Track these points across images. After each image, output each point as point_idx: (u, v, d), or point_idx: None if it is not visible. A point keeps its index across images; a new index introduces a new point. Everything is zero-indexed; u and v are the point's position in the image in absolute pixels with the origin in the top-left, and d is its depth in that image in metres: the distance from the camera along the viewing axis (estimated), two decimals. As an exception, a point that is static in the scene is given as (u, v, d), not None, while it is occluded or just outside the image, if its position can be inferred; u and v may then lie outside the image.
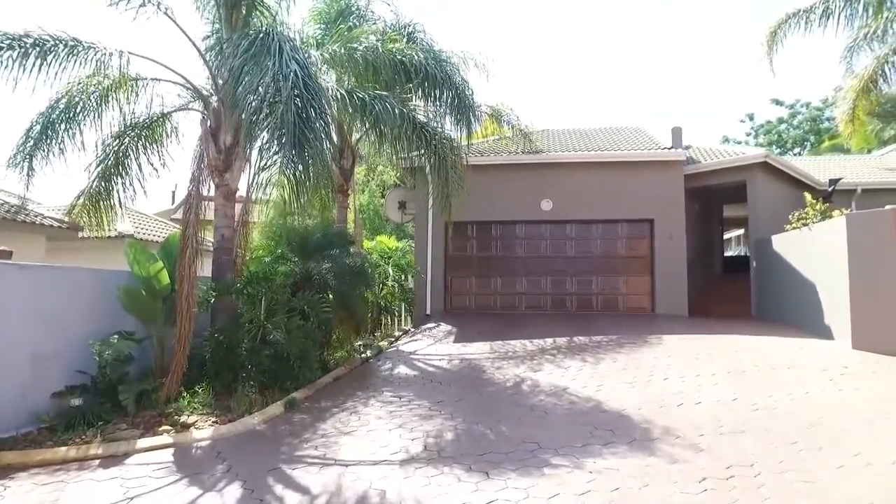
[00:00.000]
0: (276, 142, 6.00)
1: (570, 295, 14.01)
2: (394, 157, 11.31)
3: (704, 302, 14.19)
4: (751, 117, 40.09)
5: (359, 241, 14.56)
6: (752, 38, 63.28)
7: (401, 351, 10.53)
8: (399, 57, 9.28)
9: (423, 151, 9.88)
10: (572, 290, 14.00)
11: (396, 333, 12.93)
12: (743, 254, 27.41)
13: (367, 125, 9.98)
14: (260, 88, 6.11)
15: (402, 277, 13.73)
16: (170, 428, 6.00)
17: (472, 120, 10.61)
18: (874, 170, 17.58)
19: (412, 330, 12.97)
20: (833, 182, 14.96)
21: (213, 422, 6.33)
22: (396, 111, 8.51)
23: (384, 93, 8.84)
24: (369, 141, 13.33)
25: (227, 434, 6.02)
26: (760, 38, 15.70)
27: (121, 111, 8.79)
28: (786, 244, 11.91)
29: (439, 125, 10.12)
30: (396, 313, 13.62)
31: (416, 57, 9.36)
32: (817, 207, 10.89)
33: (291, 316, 8.21)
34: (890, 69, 16.76)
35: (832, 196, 14.32)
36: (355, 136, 12.70)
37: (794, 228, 11.35)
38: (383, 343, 11.49)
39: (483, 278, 14.43)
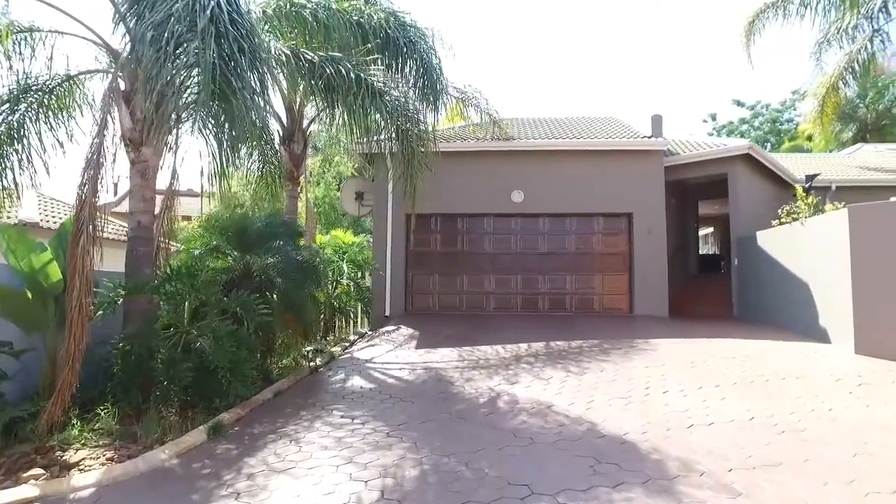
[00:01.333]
0: (190, 89, 4.55)
1: (542, 294, 12.94)
2: (350, 138, 9.90)
3: (683, 302, 13.35)
4: (713, 117, 40.22)
5: (311, 234, 13.17)
6: (717, 40, 64.37)
7: (356, 358, 9.21)
8: (356, 17, 7.94)
9: (382, 126, 8.49)
10: (545, 290, 12.93)
11: (352, 337, 11.58)
12: (715, 252, 27.09)
13: (319, 98, 8.63)
14: (171, 18, 4.63)
15: (359, 275, 12.42)
16: (42, 472, 4.50)
17: (439, 96, 9.29)
18: (845, 167, 17.28)
19: (369, 333, 11.65)
20: (810, 178, 14.35)
21: (109, 458, 4.90)
22: (352, 75, 7.16)
23: (337, 54, 7.46)
24: (323, 123, 11.96)
25: (123, 476, 4.59)
26: (728, 37, 15.18)
27: (11, 69, 7.30)
28: (773, 241, 11.13)
29: (402, 95, 8.74)
30: (352, 315, 12.20)
31: (374, 17, 8.00)
32: (809, 201, 10.12)
33: (225, 319, 6.82)
34: (859, 66, 16.50)
35: (809, 192, 13.75)
36: (306, 121, 11.38)
37: (783, 224, 10.55)
38: (336, 349, 10.14)
39: (448, 276, 13.21)
